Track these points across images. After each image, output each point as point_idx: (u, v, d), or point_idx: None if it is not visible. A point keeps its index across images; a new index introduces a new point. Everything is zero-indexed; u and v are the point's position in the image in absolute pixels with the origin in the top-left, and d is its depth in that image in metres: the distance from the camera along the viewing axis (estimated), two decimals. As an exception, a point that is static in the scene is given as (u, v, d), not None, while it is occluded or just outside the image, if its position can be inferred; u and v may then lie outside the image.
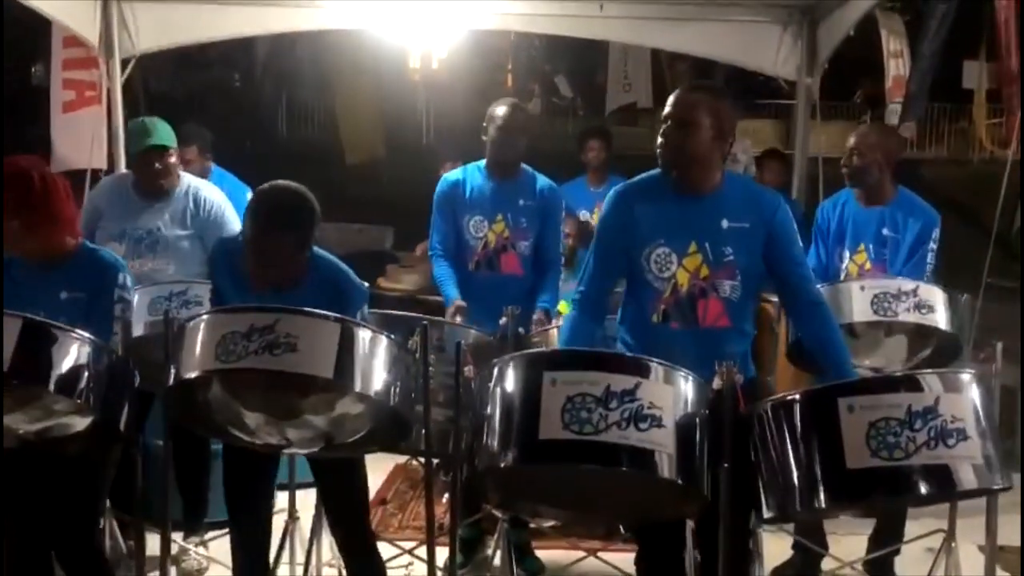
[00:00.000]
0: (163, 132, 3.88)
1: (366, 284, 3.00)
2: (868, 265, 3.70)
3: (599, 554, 3.68)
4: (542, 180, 4.01)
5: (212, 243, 3.92)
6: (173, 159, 3.91)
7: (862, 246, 3.71)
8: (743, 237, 2.71)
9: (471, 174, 3.99)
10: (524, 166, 4.01)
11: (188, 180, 4.01)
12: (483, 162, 3.99)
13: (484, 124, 3.95)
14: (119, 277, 2.93)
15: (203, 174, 4.50)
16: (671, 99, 2.73)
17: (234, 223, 4.06)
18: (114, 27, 5.05)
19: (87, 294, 2.89)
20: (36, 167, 2.88)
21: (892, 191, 3.73)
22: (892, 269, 3.66)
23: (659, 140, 2.72)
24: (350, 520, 2.98)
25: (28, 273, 2.90)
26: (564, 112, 18.63)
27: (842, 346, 2.76)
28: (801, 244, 2.85)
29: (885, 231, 3.69)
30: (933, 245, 3.67)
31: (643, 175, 2.86)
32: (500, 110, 3.90)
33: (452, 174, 4.06)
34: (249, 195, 4.48)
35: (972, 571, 3.33)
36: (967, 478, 2.23)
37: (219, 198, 4.04)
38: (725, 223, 2.70)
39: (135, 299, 3.12)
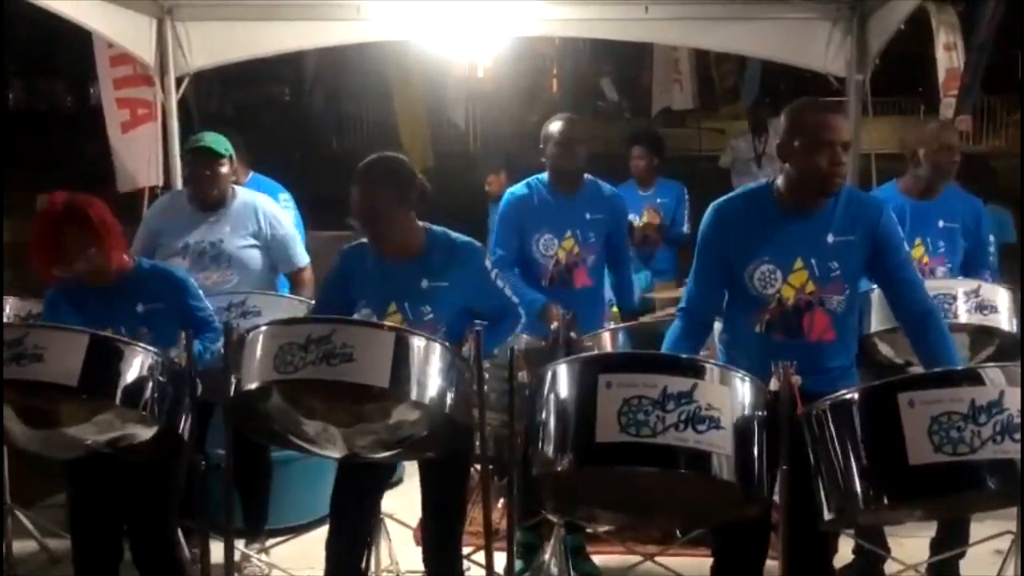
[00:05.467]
0: (215, 140, 3.96)
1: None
2: (926, 259, 3.64)
3: (656, 558, 3.67)
4: (606, 188, 4.06)
5: (276, 255, 4.04)
6: (224, 168, 3.97)
7: (919, 240, 3.65)
8: (849, 250, 2.68)
9: (536, 189, 4.00)
10: (587, 176, 4.03)
11: (243, 193, 4.10)
12: (545, 176, 4.01)
13: (540, 145, 3.97)
14: (188, 284, 3.09)
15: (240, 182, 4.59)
16: (835, 123, 2.63)
17: (291, 229, 4.15)
18: (169, 46, 5.17)
19: (164, 304, 3.01)
20: (72, 196, 2.94)
21: (941, 184, 3.71)
22: (953, 258, 3.63)
23: (837, 166, 2.63)
24: (443, 521, 3.00)
25: (96, 296, 3.00)
26: (610, 115, 18.58)
27: (955, 359, 2.68)
28: (907, 248, 2.81)
29: (942, 223, 3.65)
30: (990, 229, 3.68)
31: (740, 190, 2.83)
32: (555, 125, 3.92)
33: (517, 189, 4.05)
34: (283, 196, 4.62)
35: (1042, 573, 3.25)
36: (1039, 473, 2.15)
37: (274, 208, 4.14)
38: (831, 238, 2.68)
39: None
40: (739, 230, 2.71)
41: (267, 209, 4.06)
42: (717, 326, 2.93)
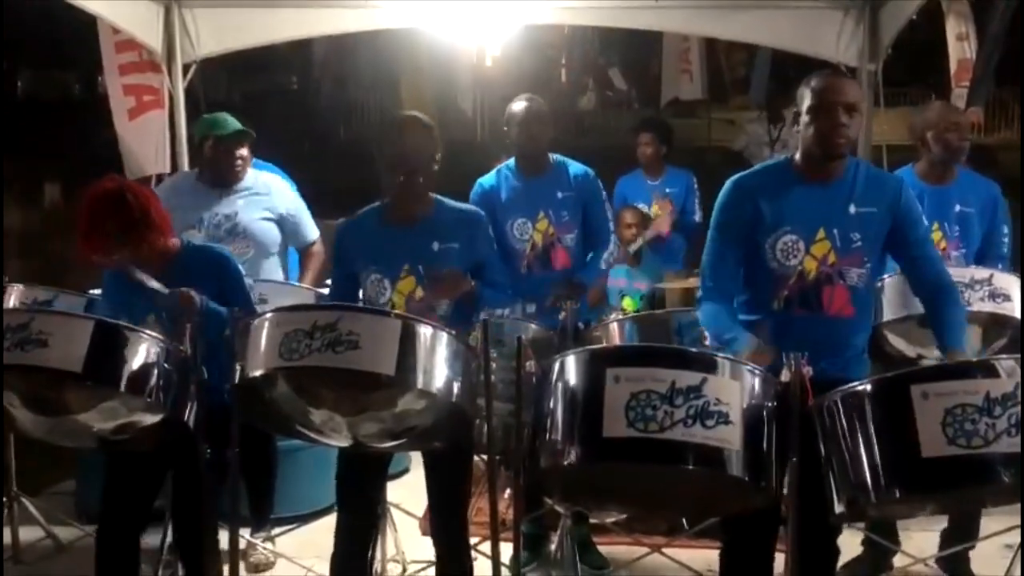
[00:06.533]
0: (238, 122, 4.02)
1: None
2: (943, 243, 3.63)
3: (663, 550, 3.65)
4: (575, 167, 3.98)
5: (289, 230, 4.10)
6: (247, 150, 4.05)
7: (936, 225, 3.63)
8: (871, 222, 2.69)
9: (504, 177, 3.97)
10: (555, 156, 3.98)
11: (252, 170, 4.15)
12: (513, 162, 3.97)
13: (504, 126, 3.95)
14: (228, 265, 3.12)
15: None
16: (839, 85, 2.65)
17: (301, 203, 4.22)
18: (176, 33, 5.16)
19: (203, 286, 2.98)
20: (120, 183, 2.96)
21: (955, 168, 3.70)
22: (969, 245, 3.62)
23: (838, 126, 2.59)
24: (448, 511, 2.99)
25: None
26: (618, 105, 18.53)
27: (961, 336, 2.67)
28: (926, 223, 2.82)
29: (959, 207, 3.64)
30: (1005, 217, 3.65)
31: (760, 165, 2.83)
32: (517, 106, 3.90)
33: (485, 179, 4.02)
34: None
35: (1054, 568, 3.22)
36: (1053, 466, 2.12)
37: (283, 184, 4.22)
38: (853, 208, 2.68)
39: None
40: (760, 201, 2.70)
41: (277, 185, 4.15)
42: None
